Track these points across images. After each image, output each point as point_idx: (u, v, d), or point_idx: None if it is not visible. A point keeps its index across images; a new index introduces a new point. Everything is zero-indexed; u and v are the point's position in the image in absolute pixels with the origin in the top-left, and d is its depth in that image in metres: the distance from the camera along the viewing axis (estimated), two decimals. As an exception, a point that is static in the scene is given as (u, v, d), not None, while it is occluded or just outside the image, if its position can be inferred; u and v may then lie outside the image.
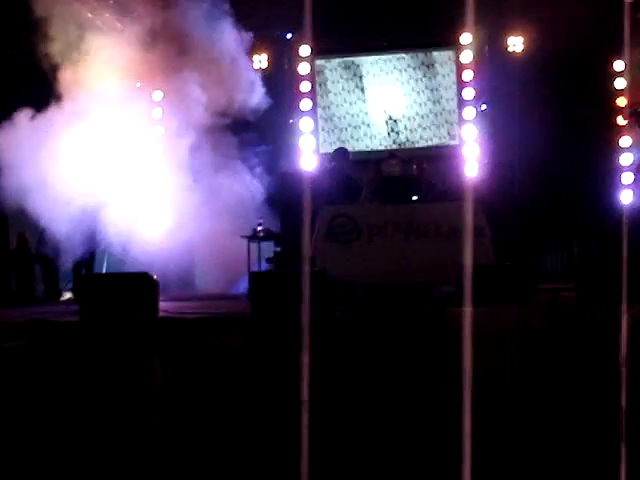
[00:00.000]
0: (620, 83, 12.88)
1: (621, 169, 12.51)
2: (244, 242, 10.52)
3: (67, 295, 10.64)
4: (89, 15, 11.49)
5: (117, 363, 6.15)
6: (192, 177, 11.57)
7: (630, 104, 12.30)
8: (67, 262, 10.83)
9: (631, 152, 12.22)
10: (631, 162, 12.24)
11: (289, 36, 13.55)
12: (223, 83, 12.03)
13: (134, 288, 6.69)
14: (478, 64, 13.11)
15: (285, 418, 5.58)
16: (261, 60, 13.50)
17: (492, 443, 4.97)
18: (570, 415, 5.22)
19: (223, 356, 6.02)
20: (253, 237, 10.51)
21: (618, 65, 12.89)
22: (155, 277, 6.86)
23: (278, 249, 10.51)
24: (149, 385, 5.93)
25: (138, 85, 11.93)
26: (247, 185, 11.96)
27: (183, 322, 6.58)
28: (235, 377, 5.92)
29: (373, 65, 13.82)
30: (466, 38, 13.03)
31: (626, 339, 4.07)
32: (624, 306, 5.01)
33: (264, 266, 10.54)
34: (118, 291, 6.66)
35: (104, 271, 11.34)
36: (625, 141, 12.49)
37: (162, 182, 12.51)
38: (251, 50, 13.08)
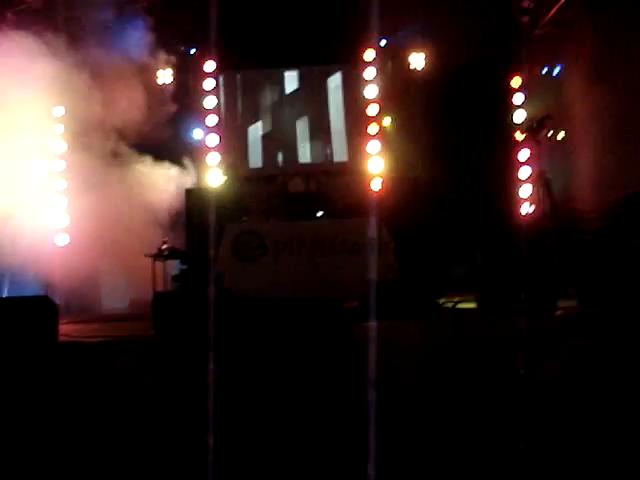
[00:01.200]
0: (518, 98, 13.31)
1: (520, 182, 12.91)
2: (149, 260, 10.32)
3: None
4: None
5: (15, 390, 5.92)
6: (95, 195, 11.31)
7: (526, 119, 12.72)
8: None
9: (529, 166, 12.63)
10: (529, 175, 12.64)
11: (193, 51, 13.45)
12: (126, 98, 11.85)
13: (32, 312, 6.46)
14: (381, 80, 13.33)
15: (191, 440, 5.49)
16: (165, 75, 13.35)
17: (397, 457, 5.00)
18: (474, 427, 5.30)
19: (126, 380, 5.88)
20: (158, 256, 10.32)
21: (515, 81, 13.33)
22: (55, 300, 6.66)
23: (184, 267, 10.36)
24: (49, 413, 5.73)
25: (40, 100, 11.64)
26: (152, 202, 11.75)
27: (84, 346, 6.39)
28: (139, 400, 5.78)
29: (274, 80, 13.88)
30: (369, 55, 13.25)
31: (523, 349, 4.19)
32: (522, 318, 5.16)
33: (171, 285, 10.37)
34: (15, 315, 6.42)
35: (4, 295, 10.95)
36: (523, 155, 12.90)
37: (64, 201, 12.21)
38: (155, 65, 12.96)
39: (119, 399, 5.80)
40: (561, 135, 12.25)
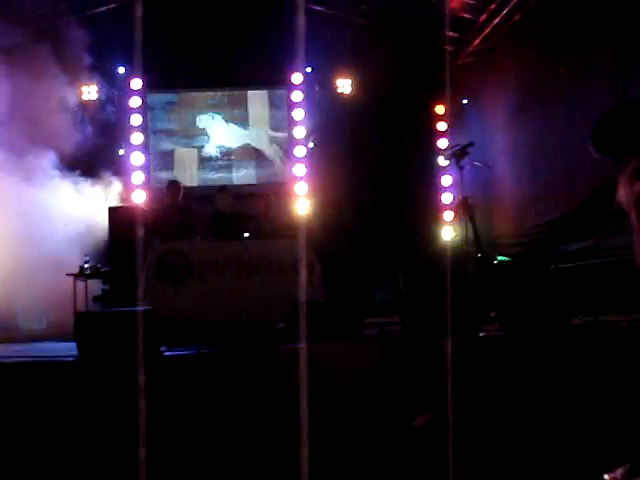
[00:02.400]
0: (441, 126, 13.62)
1: (443, 207, 13.19)
2: (70, 280, 10.08)
3: None
4: None
5: None
6: (12, 212, 11.01)
7: (450, 145, 13.01)
8: None
9: (452, 192, 12.90)
10: (451, 201, 12.91)
11: (121, 70, 13.30)
12: (48, 113, 11.63)
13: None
14: (308, 103, 13.45)
15: (118, 462, 5.38)
16: (90, 91, 13.16)
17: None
18: (403, 448, 5.36)
19: (49, 402, 5.71)
20: (80, 275, 10.09)
21: (439, 109, 13.64)
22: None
23: (106, 287, 10.15)
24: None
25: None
26: (73, 220, 11.51)
27: (3, 367, 6.18)
28: (62, 423, 5.63)
29: (200, 101, 13.86)
30: (297, 78, 13.36)
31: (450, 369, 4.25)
32: (449, 338, 5.25)
33: (92, 305, 10.14)
34: None
35: None
36: (446, 180, 13.19)
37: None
38: (80, 81, 12.76)
39: (44, 422, 5.64)
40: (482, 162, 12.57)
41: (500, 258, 11.14)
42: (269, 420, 5.66)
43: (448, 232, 12.81)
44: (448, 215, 13.02)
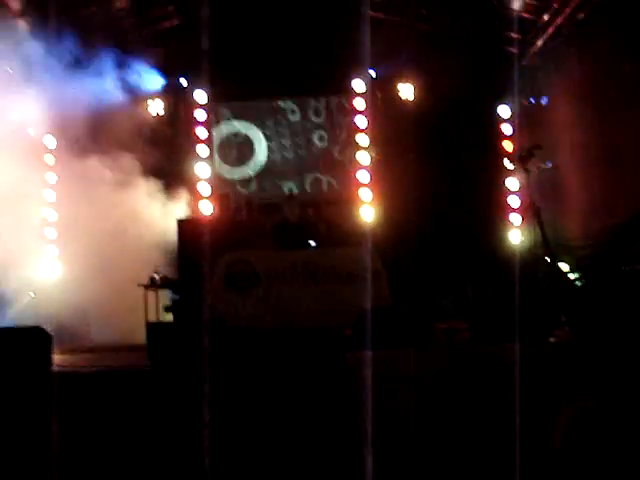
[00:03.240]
0: (506, 128, 13.45)
1: (510, 211, 13.01)
2: (141, 290, 10.31)
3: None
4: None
5: (9, 420, 5.89)
6: (86, 224, 11.33)
7: (516, 148, 12.84)
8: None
9: (519, 195, 12.73)
10: (518, 204, 12.74)
11: (185, 83, 13.55)
12: (118, 129, 11.93)
13: (26, 342, 6.44)
14: (370, 110, 13.45)
15: (189, 469, 5.47)
16: (157, 106, 13.44)
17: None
18: (469, 455, 5.31)
19: (122, 410, 5.86)
20: (150, 285, 10.30)
21: (503, 111, 13.47)
22: (48, 329, 6.63)
23: (176, 297, 10.34)
24: (44, 442, 5.69)
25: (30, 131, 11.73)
26: (144, 231, 11.76)
27: (79, 376, 6.37)
28: (136, 430, 5.76)
29: (265, 112, 13.98)
30: (359, 85, 13.38)
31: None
32: (516, 345, 5.19)
33: (162, 315, 10.33)
34: (9, 345, 6.40)
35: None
36: (512, 184, 13.00)
37: (54, 229, 12.24)
38: (147, 96, 13.06)
39: (117, 429, 5.78)
40: (550, 164, 12.38)
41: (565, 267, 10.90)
42: (337, 426, 5.68)
43: (516, 236, 12.63)
44: (516, 219, 12.84)
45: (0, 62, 12.00)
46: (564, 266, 10.69)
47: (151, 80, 12.71)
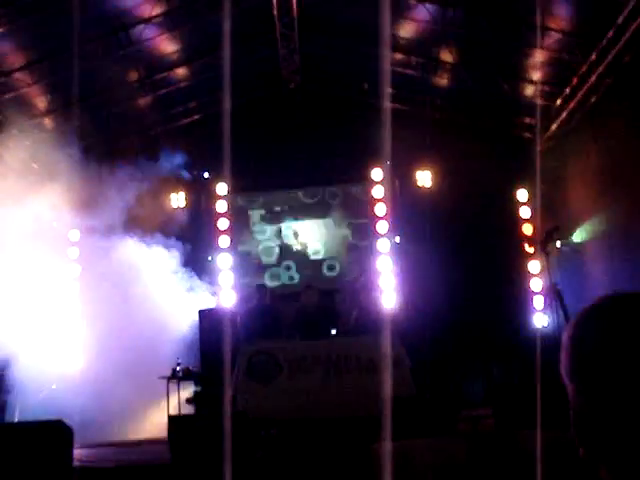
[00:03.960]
0: (525, 212, 13.51)
1: (532, 294, 12.93)
2: (163, 382, 10.26)
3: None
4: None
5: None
6: (108, 317, 11.39)
7: (535, 232, 12.87)
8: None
9: (540, 278, 12.67)
10: (541, 287, 12.67)
11: (206, 175, 13.82)
12: (141, 222, 12.12)
13: (47, 437, 6.40)
14: (389, 198, 13.60)
15: None
16: (179, 198, 13.69)
17: None
18: None
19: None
20: (172, 377, 10.26)
21: (521, 195, 13.57)
22: (69, 424, 6.59)
23: (198, 389, 10.28)
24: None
25: (54, 224, 11.95)
26: (166, 322, 11.80)
27: (100, 471, 6.31)
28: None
29: (286, 202, 14.16)
30: (377, 174, 13.58)
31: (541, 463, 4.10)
32: (538, 431, 5.08)
33: (184, 407, 10.25)
34: (29, 440, 6.36)
35: (16, 419, 10.86)
36: (533, 267, 12.97)
37: (76, 323, 12.32)
38: (169, 189, 13.32)
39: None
40: (569, 246, 12.37)
41: None
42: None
43: (539, 319, 12.53)
44: (538, 302, 12.76)
45: (26, 158, 12.41)
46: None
47: (173, 173, 12.97)
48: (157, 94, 13.39)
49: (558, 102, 12.55)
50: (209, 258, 13.48)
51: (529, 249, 12.82)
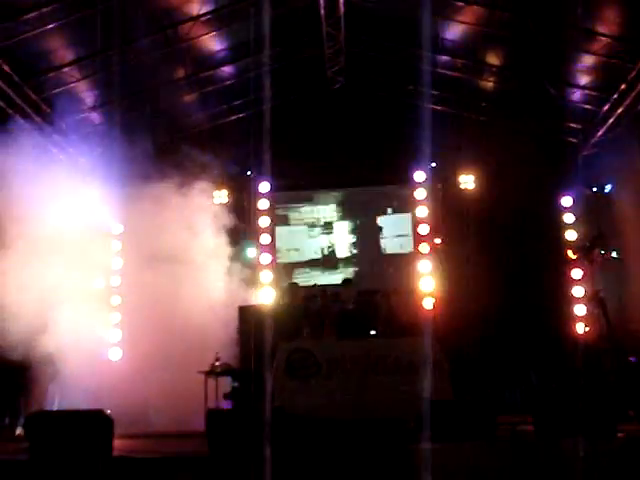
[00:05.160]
0: (568, 218, 13.36)
1: (574, 301, 12.78)
2: (201, 377, 10.34)
3: (19, 430, 10.27)
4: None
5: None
6: (148, 311, 11.52)
7: (579, 238, 12.73)
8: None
9: (583, 285, 12.53)
10: (583, 294, 12.52)
11: (249, 173, 13.90)
12: (184, 219, 12.21)
13: (88, 425, 6.48)
14: (432, 200, 13.55)
15: None
16: (221, 196, 13.78)
17: None
18: None
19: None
20: (211, 372, 10.33)
21: (565, 200, 13.42)
22: (109, 413, 6.68)
23: (236, 384, 10.34)
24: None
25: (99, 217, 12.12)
26: (206, 318, 11.87)
27: (140, 461, 6.38)
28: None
29: (326, 201, 14.20)
30: (420, 175, 13.53)
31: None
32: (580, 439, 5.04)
33: (222, 402, 10.32)
34: (71, 429, 6.45)
35: (55, 407, 11.02)
36: (576, 273, 12.83)
37: (118, 315, 12.48)
38: (212, 186, 13.40)
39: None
40: (614, 254, 12.19)
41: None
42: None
43: (581, 326, 12.38)
44: (580, 309, 12.61)
45: (71, 155, 12.62)
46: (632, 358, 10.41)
47: (215, 170, 13.05)
48: (203, 91, 13.50)
49: (605, 108, 12.40)
50: (249, 255, 13.55)
51: (572, 255, 12.67)
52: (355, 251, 14.11)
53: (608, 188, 13.25)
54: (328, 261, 14.06)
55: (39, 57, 11.24)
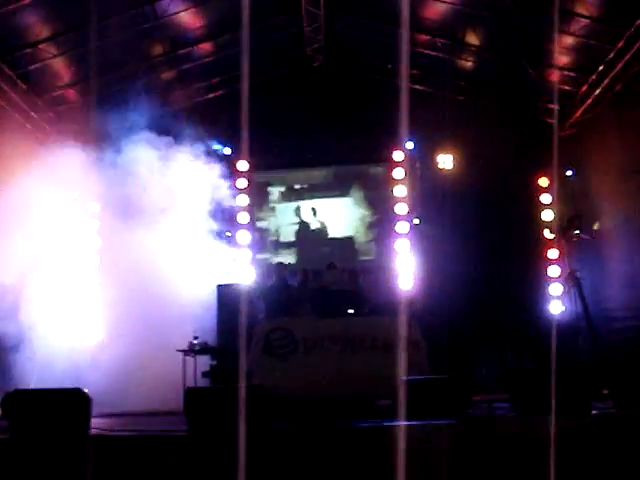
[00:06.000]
0: (546, 198, 13.43)
1: (550, 280, 12.89)
2: (180, 355, 10.35)
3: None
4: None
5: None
6: (127, 289, 11.48)
7: (556, 218, 12.80)
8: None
9: (559, 265, 12.63)
10: (559, 274, 12.63)
11: (227, 151, 13.82)
12: (160, 197, 12.14)
13: (65, 404, 6.47)
14: (409, 180, 13.57)
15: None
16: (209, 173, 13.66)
17: None
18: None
19: (158, 475, 5.85)
20: (189, 351, 10.35)
21: (543, 181, 13.49)
22: (87, 392, 6.67)
23: (214, 363, 10.36)
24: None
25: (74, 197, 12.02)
26: (184, 296, 11.85)
27: (117, 440, 6.38)
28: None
29: (306, 180, 14.21)
30: (398, 155, 13.53)
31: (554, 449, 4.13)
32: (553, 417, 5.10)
33: (200, 380, 10.34)
34: (48, 407, 6.44)
35: (32, 385, 10.97)
36: (552, 253, 12.93)
37: (95, 294, 12.42)
38: (191, 164, 13.30)
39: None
40: (595, 227, 12.30)
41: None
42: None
43: (556, 306, 12.50)
44: (555, 289, 12.72)
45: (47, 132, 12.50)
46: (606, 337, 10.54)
47: (196, 149, 12.97)
48: (181, 69, 13.39)
49: (583, 89, 12.46)
50: (228, 234, 13.52)
51: (549, 235, 12.76)
52: (334, 230, 14.13)
53: (584, 169, 13.33)
54: (307, 239, 14.08)
55: (15, 33, 11.10)
